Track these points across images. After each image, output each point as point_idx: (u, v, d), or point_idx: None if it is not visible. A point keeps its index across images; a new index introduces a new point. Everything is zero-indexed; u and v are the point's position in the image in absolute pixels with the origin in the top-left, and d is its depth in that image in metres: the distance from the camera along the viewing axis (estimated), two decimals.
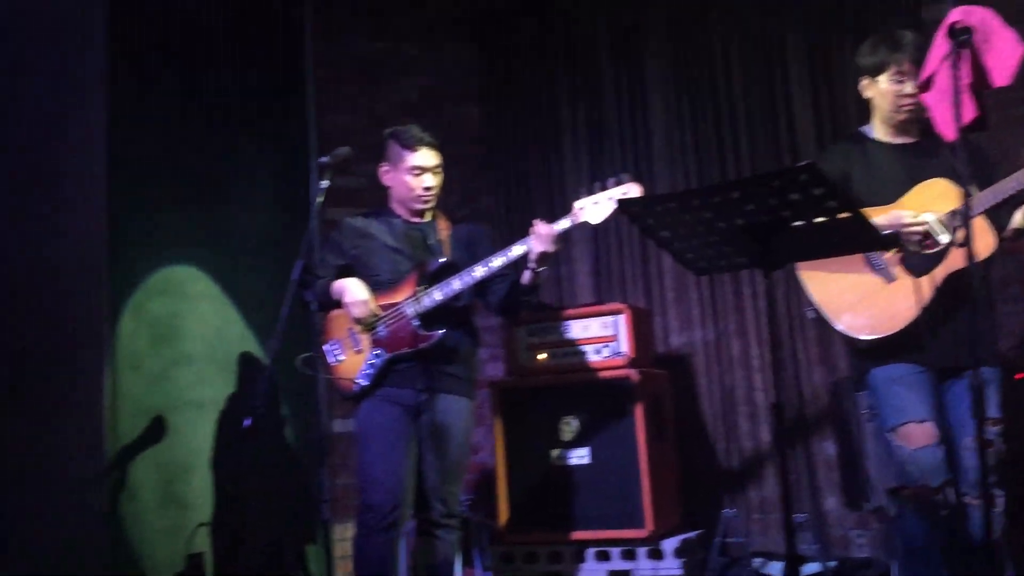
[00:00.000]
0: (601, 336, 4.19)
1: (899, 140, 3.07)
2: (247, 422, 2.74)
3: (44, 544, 3.50)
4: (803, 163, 2.16)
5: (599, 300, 4.74)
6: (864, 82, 3.07)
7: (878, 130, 3.10)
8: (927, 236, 2.88)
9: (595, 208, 3.20)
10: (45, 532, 3.53)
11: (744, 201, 2.26)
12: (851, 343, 3.03)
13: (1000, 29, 2.54)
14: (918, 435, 2.85)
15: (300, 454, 4.49)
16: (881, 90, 3.02)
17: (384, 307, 3.30)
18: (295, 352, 3.10)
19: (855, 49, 3.12)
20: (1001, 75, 2.53)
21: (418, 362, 3.27)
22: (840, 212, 2.25)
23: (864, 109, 3.15)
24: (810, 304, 3.08)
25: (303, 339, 2.98)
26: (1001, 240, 2.88)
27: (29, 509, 3.54)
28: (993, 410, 2.87)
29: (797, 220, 2.28)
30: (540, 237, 3.18)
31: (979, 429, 2.53)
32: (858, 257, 2.97)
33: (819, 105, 4.47)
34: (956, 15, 2.46)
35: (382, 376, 3.28)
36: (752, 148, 4.60)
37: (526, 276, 3.29)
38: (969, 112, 2.51)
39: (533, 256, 3.22)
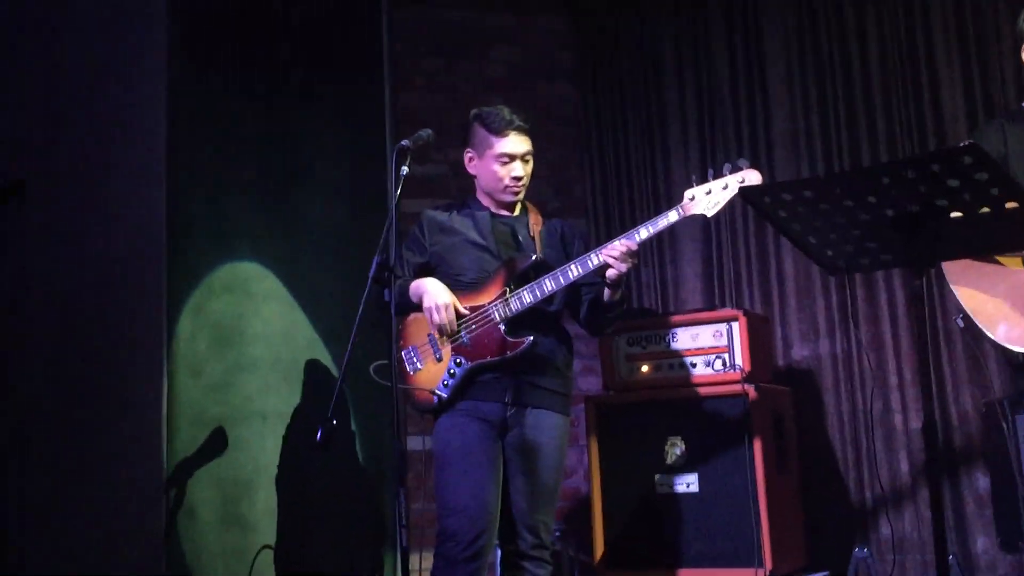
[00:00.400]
0: (712, 347, 4.14)
1: None
2: (320, 435, 2.76)
3: (97, 566, 3.57)
4: (965, 143, 2.08)
5: (710, 305, 4.68)
6: None
7: None
8: None
9: (708, 198, 3.17)
10: (98, 552, 3.61)
11: (893, 188, 2.20)
12: (1009, 357, 2.94)
13: None
14: None
15: (371, 473, 4.52)
16: None
17: (468, 310, 3.30)
18: (368, 359, 3.11)
19: (1014, 12, 3.01)
20: None
21: (505, 372, 3.27)
22: (1007, 201, 2.16)
23: None
24: (960, 312, 2.99)
25: (377, 345, 2.96)
26: None
27: (81, 526, 3.63)
28: None
29: (955, 210, 2.20)
30: (614, 254, 3.16)
31: None
32: (1015, 258, 2.88)
33: (969, 80, 4.34)
34: None
35: (464, 388, 3.29)
36: (889, 131, 4.49)
37: (605, 293, 3.28)
38: None
39: (611, 273, 3.20)
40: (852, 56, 4.61)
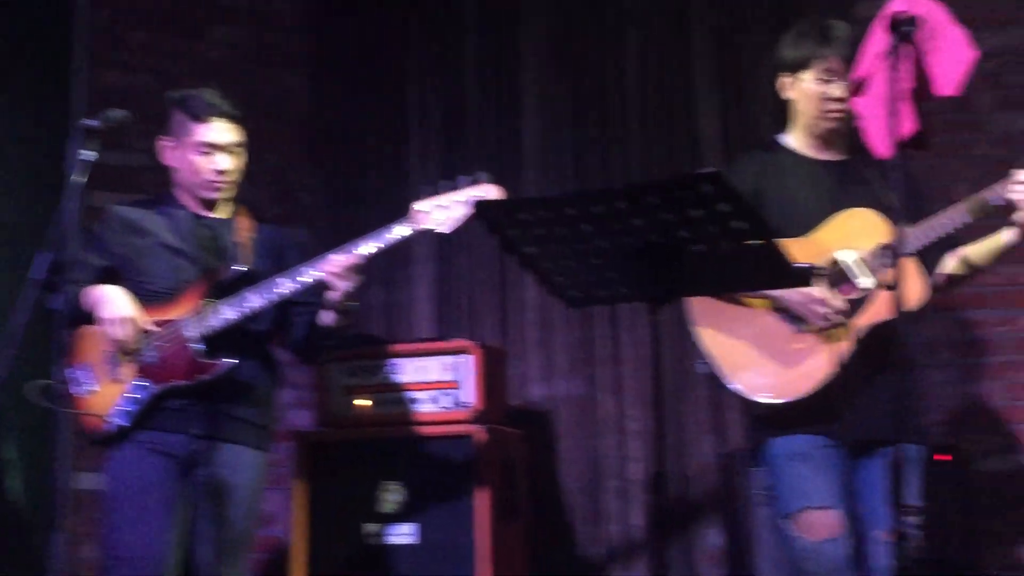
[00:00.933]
0: (440, 381, 4.14)
1: (822, 155, 3.13)
2: None
3: None
4: (708, 170, 2.14)
5: (441, 335, 4.67)
6: (784, 80, 3.12)
7: (797, 140, 3.17)
8: (844, 279, 2.94)
9: (442, 213, 3.19)
10: None
11: (633, 214, 2.25)
12: (748, 407, 3.05)
13: (949, 27, 2.63)
14: (821, 524, 2.91)
15: (28, 514, 4.26)
16: (804, 91, 3.09)
17: (157, 325, 3.20)
18: (30, 377, 2.95)
19: (775, 40, 3.17)
20: (946, 83, 2.62)
21: (197, 400, 3.19)
22: (750, 237, 2.25)
23: (783, 113, 3.20)
24: (701, 355, 3.09)
25: (42, 360, 2.84)
26: (932, 288, 2.97)
27: None
28: (912, 496, 2.93)
29: (696, 243, 2.26)
30: (333, 270, 3.12)
31: (897, 519, 2.58)
32: (762, 300, 3.00)
33: (727, 107, 4.54)
34: (900, 3, 2.51)
35: (146, 416, 3.19)
36: (645, 155, 4.64)
37: (326, 317, 3.22)
38: (908, 124, 2.57)
39: (332, 295, 3.16)
40: (609, 75, 4.74)
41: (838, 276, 2.97)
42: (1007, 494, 4.15)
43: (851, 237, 2.97)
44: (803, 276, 2.63)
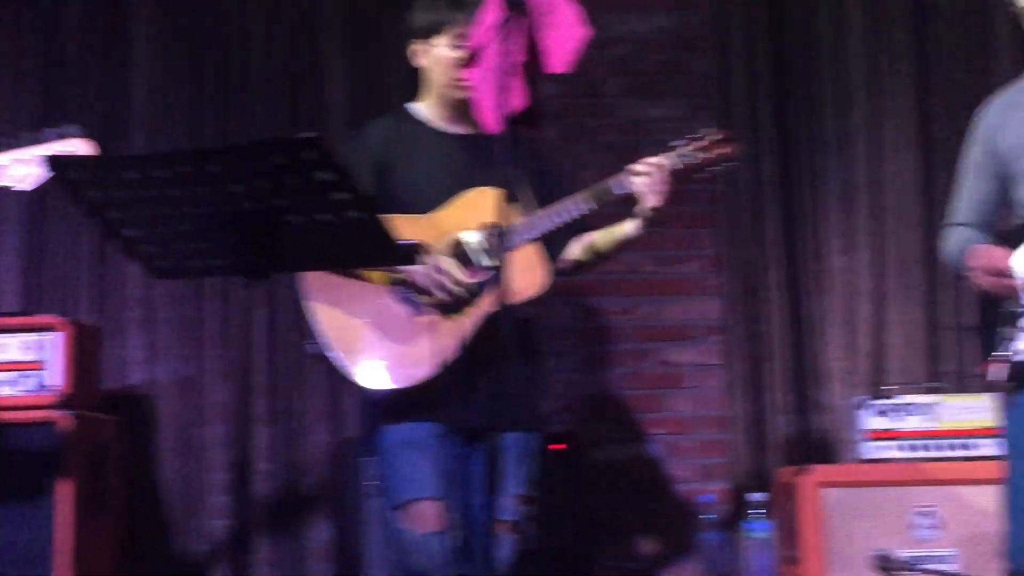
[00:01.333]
0: (22, 361, 3.99)
1: (454, 129, 3.19)
2: None
3: None
4: (307, 134, 2.12)
5: (25, 309, 4.45)
6: (416, 47, 3.16)
7: (429, 110, 3.22)
8: (467, 261, 3.00)
9: (22, 168, 3.02)
10: None
11: (227, 179, 2.21)
12: (363, 393, 3.06)
13: (562, 3, 2.72)
14: (429, 516, 2.97)
15: None
16: (436, 57, 3.14)
17: None
18: None
19: (401, 10, 3.22)
20: (557, 60, 2.72)
21: None
22: (352, 209, 2.25)
23: (415, 84, 3.25)
24: (314, 335, 3.07)
25: None
26: (557, 273, 3.09)
27: None
28: (523, 486, 3.04)
29: (294, 214, 2.25)
30: None
31: (505, 509, 2.67)
32: (383, 277, 3.03)
33: (356, 75, 4.61)
34: None
35: None
36: (268, 120, 4.63)
37: None
38: (518, 100, 2.65)
39: None
40: (232, 33, 4.69)
41: (461, 258, 3.03)
42: (624, 483, 4.43)
43: (476, 217, 3.03)
44: (407, 254, 2.67)
